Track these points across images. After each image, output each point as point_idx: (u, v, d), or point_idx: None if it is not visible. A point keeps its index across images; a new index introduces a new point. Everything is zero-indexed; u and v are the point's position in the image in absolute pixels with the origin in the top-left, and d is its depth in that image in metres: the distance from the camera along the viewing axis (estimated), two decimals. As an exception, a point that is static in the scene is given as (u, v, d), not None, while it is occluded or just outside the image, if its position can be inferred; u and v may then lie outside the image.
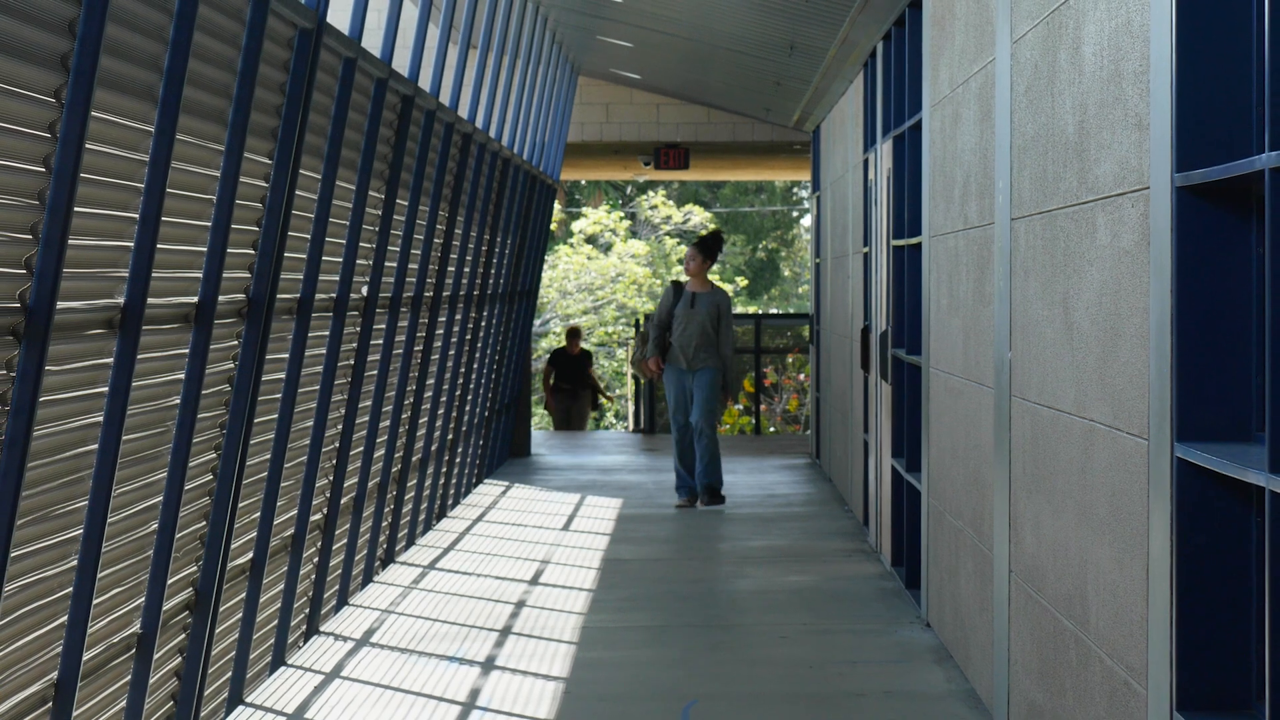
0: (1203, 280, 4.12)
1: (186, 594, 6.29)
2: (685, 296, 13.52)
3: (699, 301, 13.51)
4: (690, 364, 13.42)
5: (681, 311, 13.46)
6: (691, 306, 13.45)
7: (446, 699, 7.24)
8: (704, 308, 13.47)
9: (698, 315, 13.43)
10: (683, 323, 13.44)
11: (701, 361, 13.42)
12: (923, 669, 7.70)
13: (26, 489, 4.67)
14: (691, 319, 13.43)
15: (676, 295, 13.56)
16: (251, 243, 6.64)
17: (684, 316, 13.44)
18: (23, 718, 4.87)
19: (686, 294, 13.54)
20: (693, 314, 13.43)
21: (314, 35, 6.91)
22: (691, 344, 13.42)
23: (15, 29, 4.30)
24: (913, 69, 9.32)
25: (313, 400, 7.95)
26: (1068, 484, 5.36)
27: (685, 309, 13.46)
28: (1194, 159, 4.09)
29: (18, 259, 4.48)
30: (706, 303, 13.50)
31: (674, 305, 13.52)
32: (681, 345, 13.43)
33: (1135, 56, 4.52)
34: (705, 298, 13.51)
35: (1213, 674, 4.12)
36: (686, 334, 13.41)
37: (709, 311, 13.45)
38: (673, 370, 13.53)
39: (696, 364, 13.41)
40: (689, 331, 13.42)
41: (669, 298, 13.61)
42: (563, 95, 18.02)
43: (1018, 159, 6.17)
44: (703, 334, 13.42)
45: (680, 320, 13.46)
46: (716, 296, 13.57)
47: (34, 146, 4.48)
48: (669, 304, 13.58)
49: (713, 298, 13.53)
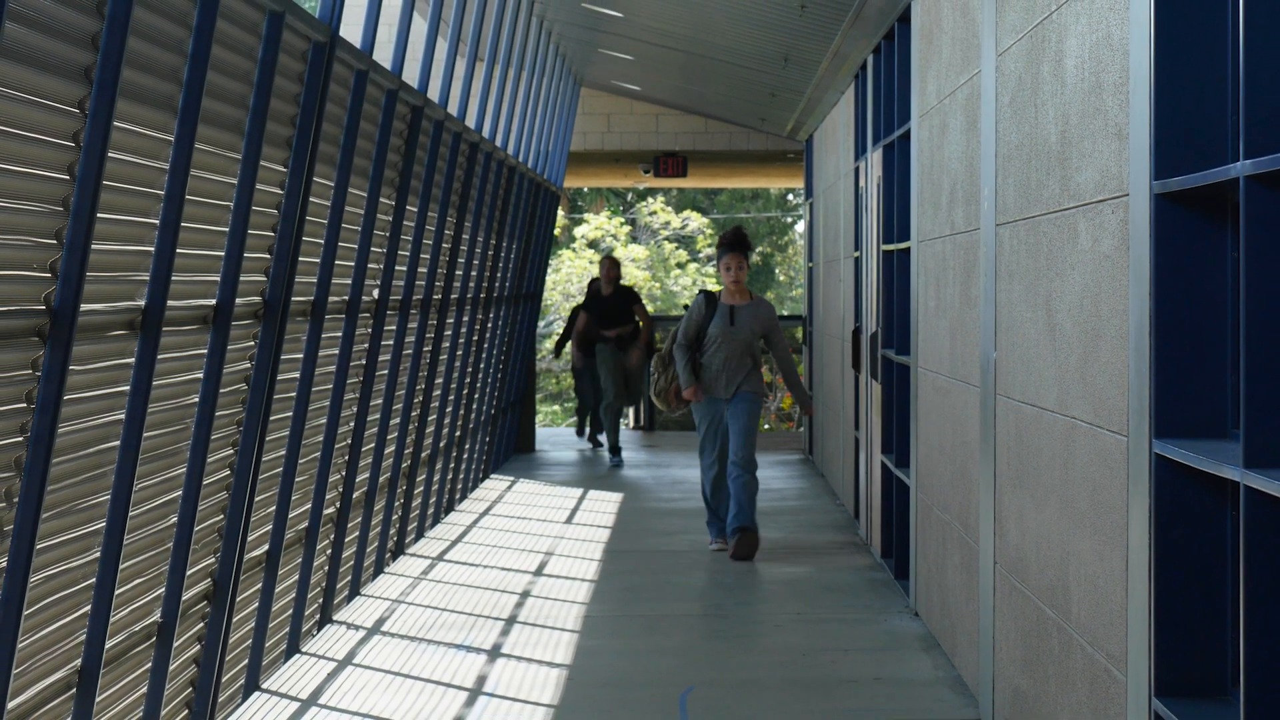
0: (1180, 283, 4.12)
1: (205, 585, 6.28)
2: (723, 311, 10.59)
3: (741, 317, 10.58)
4: (727, 392, 10.61)
5: (719, 331, 10.55)
6: (732, 324, 10.55)
7: (454, 685, 7.24)
8: (747, 324, 10.58)
9: (740, 334, 10.56)
10: (720, 343, 10.55)
11: (743, 388, 10.63)
12: (911, 656, 7.70)
13: (51, 484, 4.67)
14: (732, 339, 10.54)
15: (710, 309, 10.64)
16: (267, 247, 6.63)
17: (722, 336, 10.55)
18: (48, 703, 4.87)
19: (724, 308, 10.61)
20: (734, 333, 10.54)
21: (327, 48, 6.91)
22: (730, 368, 10.57)
23: (41, 43, 4.30)
24: (902, 81, 9.32)
25: (326, 399, 7.95)
26: (1050, 479, 5.36)
27: (724, 327, 10.55)
28: (1171, 167, 4.09)
29: (43, 263, 4.48)
30: (749, 318, 10.60)
31: (707, 321, 10.63)
32: (718, 370, 10.59)
33: (1115, 69, 4.52)
34: (748, 311, 10.61)
35: (1190, 661, 4.12)
36: (726, 357, 10.57)
37: (752, 329, 10.60)
38: (704, 404, 10.71)
39: (736, 390, 10.61)
40: (729, 353, 10.57)
41: (699, 311, 10.65)
42: (566, 106, 18.01)
43: (1002, 167, 6.17)
44: (746, 356, 10.63)
45: (717, 340, 10.56)
46: (761, 310, 10.68)
47: (59, 155, 4.48)
48: (700, 319, 10.64)
49: (756, 311, 10.64)
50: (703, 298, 10.69)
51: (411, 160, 9.14)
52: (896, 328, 9.43)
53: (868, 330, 11.03)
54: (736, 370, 10.56)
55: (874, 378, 10.55)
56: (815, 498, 13.87)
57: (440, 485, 12.16)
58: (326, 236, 7.54)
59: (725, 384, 10.58)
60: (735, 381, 10.57)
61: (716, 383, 10.59)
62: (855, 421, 11.97)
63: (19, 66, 4.20)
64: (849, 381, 12.46)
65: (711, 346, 10.58)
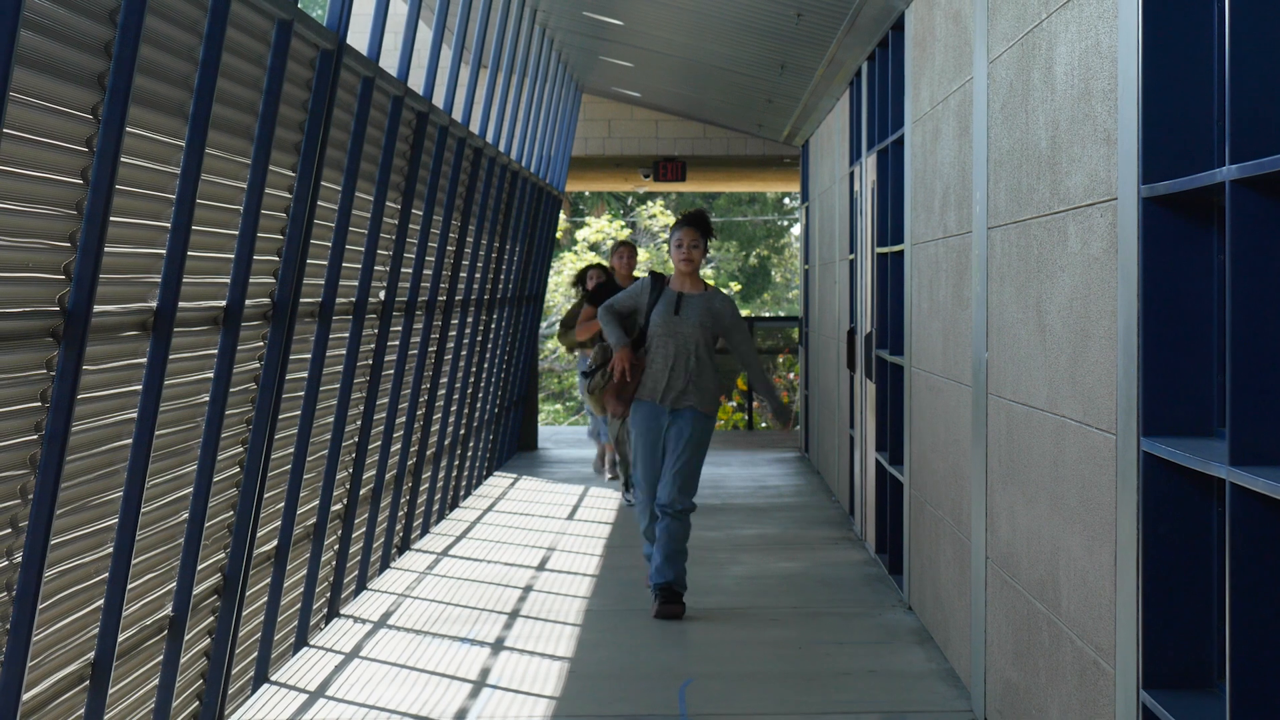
0: (1167, 285, 4.12)
1: (215, 579, 6.28)
2: (668, 297, 8.39)
3: (689, 308, 8.37)
4: (669, 398, 8.35)
5: (661, 320, 8.33)
6: (676, 313, 8.34)
7: (459, 677, 7.24)
8: (694, 317, 8.35)
9: (685, 326, 8.33)
10: (662, 336, 8.33)
11: (687, 400, 8.36)
12: (905, 649, 7.70)
13: (65, 481, 4.67)
14: (676, 331, 8.32)
15: (655, 291, 8.45)
16: (276, 250, 6.63)
17: (664, 326, 8.32)
18: (62, 695, 4.87)
19: (669, 294, 8.41)
20: (677, 324, 8.33)
21: (335, 56, 6.90)
22: (672, 370, 8.33)
23: (56, 50, 4.30)
24: (895, 87, 9.32)
25: (333, 398, 7.95)
26: (1041, 476, 5.36)
27: (666, 315, 8.33)
28: (1159, 171, 4.09)
29: (57, 265, 4.48)
30: (699, 310, 8.37)
31: (650, 306, 8.43)
32: (658, 372, 8.34)
33: (1104, 76, 4.52)
34: (698, 303, 8.39)
35: (1177, 654, 4.12)
36: (667, 354, 8.34)
37: (702, 324, 8.35)
38: (644, 409, 8.42)
39: (681, 402, 8.36)
40: (671, 350, 8.34)
41: (643, 292, 8.50)
42: (567, 112, 18.01)
43: (994, 172, 6.17)
44: (692, 357, 8.34)
45: (659, 332, 8.33)
46: (715, 303, 8.44)
47: (72, 160, 4.48)
48: (636, 301, 8.50)
49: (709, 303, 8.42)
50: (649, 279, 8.52)
51: (417, 165, 9.14)
52: (890, 328, 9.43)
53: (862, 331, 11.03)
54: (678, 375, 8.31)
55: (868, 377, 10.55)
56: (811, 494, 13.87)
57: (445, 482, 12.16)
58: (334, 239, 7.54)
59: (664, 390, 8.32)
60: (676, 389, 8.31)
61: (656, 385, 8.34)
62: (850, 420, 11.97)
63: (34, 73, 4.20)
64: (844, 381, 12.46)
65: (653, 342, 8.34)
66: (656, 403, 8.37)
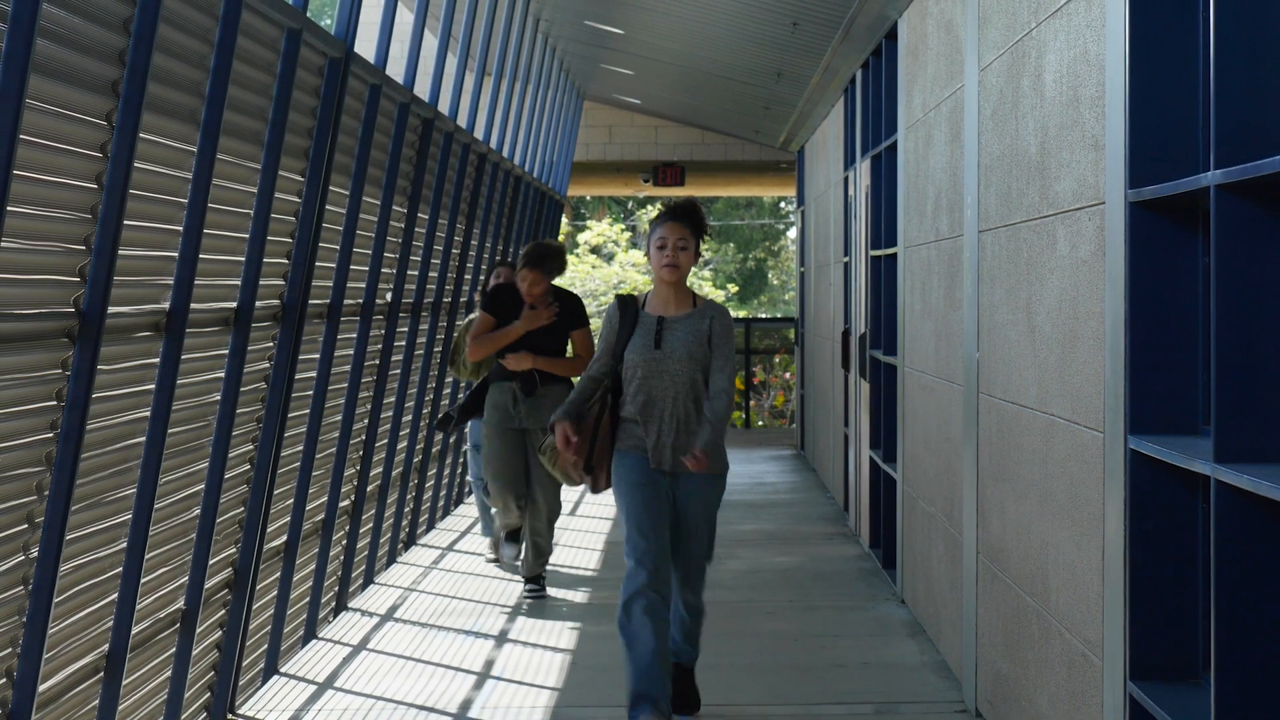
0: (1153, 287, 4.12)
1: (226, 573, 6.28)
2: (645, 325, 6.03)
3: (673, 335, 6.01)
4: (662, 458, 5.97)
5: (639, 357, 5.99)
6: (658, 346, 5.98)
7: (464, 669, 7.24)
8: (682, 347, 5.99)
9: (671, 363, 5.98)
10: (642, 379, 5.99)
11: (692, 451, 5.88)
12: (898, 642, 7.69)
13: (80, 477, 4.67)
14: (660, 370, 5.99)
15: (627, 322, 6.07)
16: (285, 253, 6.63)
17: (644, 366, 5.98)
18: (76, 686, 4.87)
19: (646, 320, 6.05)
20: (660, 361, 5.98)
21: (343, 64, 6.91)
22: (661, 424, 5.97)
23: (71, 59, 4.30)
24: (889, 94, 9.31)
25: (341, 397, 7.95)
26: (1030, 473, 5.36)
27: (644, 351, 5.99)
28: (1145, 177, 4.09)
29: (72, 268, 4.48)
30: (687, 336, 6.00)
31: (623, 341, 6.05)
32: (648, 420, 5.97)
33: (1092, 83, 4.52)
34: (686, 328, 6.02)
35: (1163, 646, 4.12)
36: (650, 403, 5.97)
37: (692, 354, 5.99)
38: (631, 461, 5.99)
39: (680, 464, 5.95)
40: (656, 395, 5.98)
41: (611, 326, 6.08)
42: (569, 118, 18.01)
43: (984, 177, 6.17)
44: (684, 402, 5.98)
45: (638, 375, 5.99)
46: (706, 321, 6.04)
47: (87, 165, 4.48)
48: (609, 338, 6.09)
49: (696, 325, 6.02)
50: (616, 305, 6.13)
51: (423, 170, 9.14)
52: (884, 329, 9.43)
53: (856, 332, 11.03)
54: (668, 429, 5.98)
55: (863, 377, 10.55)
56: (807, 491, 13.86)
57: (450, 479, 12.16)
58: (342, 242, 7.54)
59: (657, 445, 5.98)
60: (667, 446, 5.98)
61: (646, 435, 5.99)
62: (845, 418, 11.97)
63: (50, 81, 4.20)
64: (839, 380, 12.46)
65: (631, 384, 6.03)
66: (644, 457, 6.00)
